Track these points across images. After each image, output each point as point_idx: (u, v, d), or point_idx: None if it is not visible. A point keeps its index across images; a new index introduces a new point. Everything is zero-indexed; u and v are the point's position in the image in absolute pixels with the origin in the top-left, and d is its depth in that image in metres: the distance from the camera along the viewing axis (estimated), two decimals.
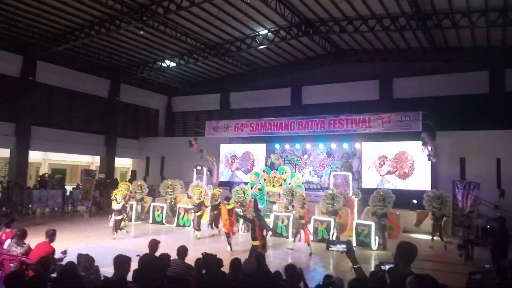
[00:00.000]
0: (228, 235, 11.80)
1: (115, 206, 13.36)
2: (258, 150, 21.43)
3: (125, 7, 16.21)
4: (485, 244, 11.63)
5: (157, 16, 16.63)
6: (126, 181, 20.02)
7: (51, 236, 7.15)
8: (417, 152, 17.32)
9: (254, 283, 5.09)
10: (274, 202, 13.59)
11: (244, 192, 15.95)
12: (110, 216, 13.71)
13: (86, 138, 23.27)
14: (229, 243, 11.68)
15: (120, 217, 13.33)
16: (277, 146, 19.83)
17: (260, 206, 15.68)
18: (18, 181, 18.88)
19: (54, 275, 5.47)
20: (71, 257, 6.29)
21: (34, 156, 22.37)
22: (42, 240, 7.19)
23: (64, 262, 6.16)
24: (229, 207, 12.37)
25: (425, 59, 19.87)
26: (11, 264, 6.88)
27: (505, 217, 10.56)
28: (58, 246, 7.58)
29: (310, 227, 14.19)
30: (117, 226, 13.27)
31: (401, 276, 3.46)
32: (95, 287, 5.22)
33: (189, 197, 16.68)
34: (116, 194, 13.57)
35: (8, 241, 7.49)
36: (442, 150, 17.24)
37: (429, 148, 16.08)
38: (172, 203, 17.24)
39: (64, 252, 6.80)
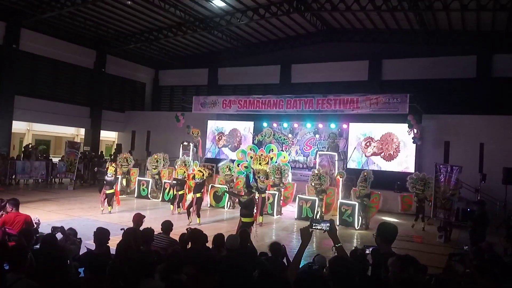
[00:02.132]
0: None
1: (107, 177, 13.21)
2: (245, 128, 21.38)
3: None
4: (464, 227, 11.94)
5: None
6: (111, 159, 19.89)
7: (16, 205, 6.90)
8: (402, 135, 17.50)
9: (237, 258, 5.15)
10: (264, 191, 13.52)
11: (230, 169, 15.97)
12: (102, 189, 13.51)
13: (71, 109, 22.89)
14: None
15: (111, 190, 13.21)
16: (264, 124, 19.79)
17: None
18: (1, 151, 18.56)
19: (37, 246, 5.45)
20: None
21: (18, 126, 21.96)
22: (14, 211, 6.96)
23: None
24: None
25: (415, 41, 19.86)
26: None
27: (485, 201, 10.81)
28: (42, 218, 7.54)
29: (295, 206, 14.38)
30: (109, 200, 13.14)
31: (382, 256, 3.51)
32: (78, 258, 5.23)
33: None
34: (107, 169, 13.43)
35: None
36: (427, 133, 17.44)
37: (415, 130, 16.25)
38: (156, 177, 17.19)
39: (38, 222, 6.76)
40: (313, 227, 3.44)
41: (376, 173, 14.35)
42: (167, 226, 6.69)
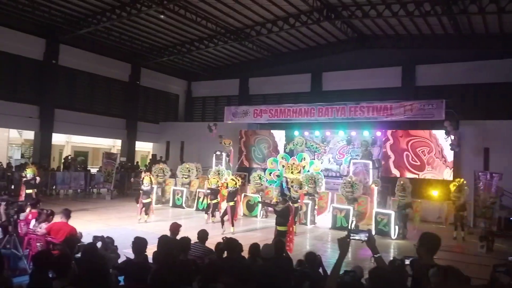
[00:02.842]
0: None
1: (144, 187, 13.48)
2: (276, 137, 21.40)
3: None
4: (507, 236, 11.47)
5: (178, 0, 16.57)
6: (146, 169, 20.33)
7: (67, 215, 7.24)
8: (440, 141, 17.05)
9: (273, 268, 5.14)
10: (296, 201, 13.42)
11: (260, 178, 16.02)
12: (138, 199, 13.80)
13: (107, 121, 23.61)
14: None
15: (148, 200, 13.49)
16: (296, 133, 19.74)
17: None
18: (42, 163, 19.32)
19: (78, 255, 5.62)
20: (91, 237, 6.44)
21: (58, 138, 22.86)
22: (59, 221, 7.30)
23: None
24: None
25: (450, 45, 19.36)
26: (38, 244, 7.09)
27: None
28: (81, 227, 7.79)
29: (329, 215, 14.24)
30: (146, 209, 13.41)
31: (424, 267, 3.43)
32: (118, 267, 5.35)
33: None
34: (143, 179, 13.74)
35: (33, 221, 7.73)
36: (465, 139, 16.89)
37: (452, 137, 15.79)
38: (187, 187, 17.45)
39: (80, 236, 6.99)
40: (351, 237, 3.39)
41: (412, 181, 14.02)
42: (203, 235, 6.77)
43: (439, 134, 17.06)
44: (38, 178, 13.21)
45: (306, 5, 16.91)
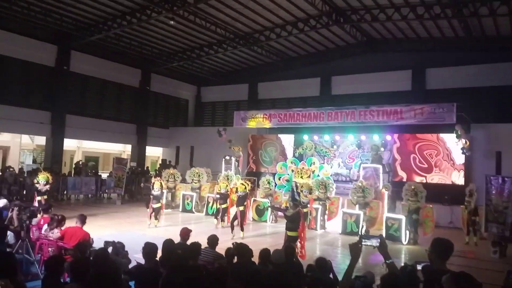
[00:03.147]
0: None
1: (154, 192, 13.52)
2: (286, 141, 21.39)
3: None
4: None
5: (187, 6, 16.72)
6: (156, 174, 20.43)
7: (83, 221, 7.38)
8: (450, 145, 16.91)
9: (283, 273, 5.13)
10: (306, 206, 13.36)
11: (269, 182, 16.01)
12: (149, 204, 13.85)
13: (118, 126, 23.78)
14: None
15: (158, 205, 13.54)
16: (305, 137, 19.70)
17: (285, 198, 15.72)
18: (53, 168, 19.52)
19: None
20: (103, 242, 6.50)
21: (69, 144, 23.06)
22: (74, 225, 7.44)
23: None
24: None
25: (461, 48, 19.22)
26: (50, 249, 7.16)
27: None
28: (92, 232, 7.84)
29: (339, 220, 14.17)
30: (156, 214, 13.46)
31: (436, 273, 3.39)
32: (129, 272, 5.38)
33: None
34: (153, 184, 13.79)
35: (45, 226, 7.81)
36: (477, 143, 16.71)
37: (464, 141, 15.63)
38: (197, 191, 17.49)
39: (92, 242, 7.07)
40: (363, 243, 3.38)
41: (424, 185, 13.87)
42: (213, 240, 6.78)
43: (447, 137, 17.01)
44: (47, 187, 13.15)
45: (315, 10, 16.92)
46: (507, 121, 17.09)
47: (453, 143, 16.65)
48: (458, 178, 16.92)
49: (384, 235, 12.17)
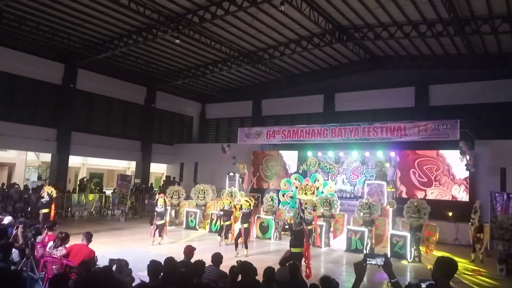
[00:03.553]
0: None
1: (158, 208, 13.52)
2: (287, 157, 21.43)
3: (162, 16, 16.66)
4: None
5: (193, 25, 16.98)
6: (160, 190, 20.45)
7: (88, 238, 7.40)
8: (450, 161, 16.96)
9: None
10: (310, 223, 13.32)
11: (272, 199, 15.99)
12: (152, 221, 13.86)
13: (123, 143, 23.91)
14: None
15: (161, 221, 13.53)
16: (309, 153, 19.73)
17: (291, 215, 15.68)
18: (58, 185, 19.59)
19: None
20: (106, 260, 6.50)
21: (74, 160, 23.17)
22: (79, 243, 7.45)
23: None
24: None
25: (463, 65, 19.32)
26: (54, 266, 7.17)
27: None
28: (95, 249, 7.84)
29: (343, 237, 14.09)
30: (160, 231, 13.45)
31: None
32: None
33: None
34: (157, 200, 13.81)
35: (51, 243, 7.82)
36: (481, 159, 16.69)
37: (467, 157, 15.61)
38: (202, 208, 17.47)
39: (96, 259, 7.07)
40: (367, 262, 3.38)
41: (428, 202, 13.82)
42: (217, 258, 6.76)
43: (447, 153, 17.32)
44: (47, 198, 13.08)
45: (318, 28, 17.14)
46: (511, 138, 17.08)
47: (453, 159, 16.86)
48: (459, 193, 16.99)
49: (389, 253, 12.13)
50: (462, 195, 16.90)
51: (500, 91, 18.44)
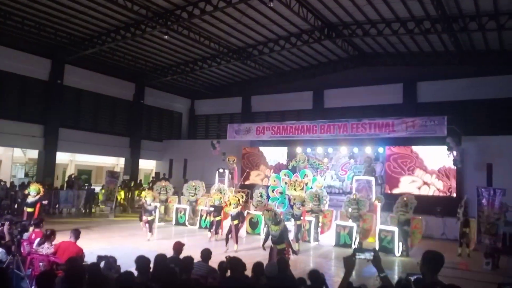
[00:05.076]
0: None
1: (148, 207, 13.44)
2: (279, 154, 21.46)
3: (150, 12, 16.52)
4: None
5: (181, 20, 16.87)
6: (149, 187, 20.34)
7: (76, 236, 7.32)
8: (426, 156, 17.52)
9: (276, 287, 5.13)
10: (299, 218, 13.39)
11: (261, 195, 16.01)
12: (141, 218, 13.75)
13: (111, 140, 23.72)
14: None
15: (151, 217, 13.48)
16: (298, 149, 19.78)
17: (281, 210, 15.74)
18: (45, 181, 19.36)
19: None
20: (95, 257, 6.45)
21: (61, 157, 22.93)
22: (67, 240, 7.38)
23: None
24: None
25: (451, 62, 19.52)
26: (40, 264, 7.09)
27: None
28: (84, 245, 7.78)
29: (331, 232, 14.18)
30: (150, 227, 13.41)
31: (428, 286, 3.43)
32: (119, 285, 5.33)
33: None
34: (145, 197, 13.72)
35: (37, 240, 7.73)
36: (468, 155, 16.91)
37: (455, 153, 15.79)
38: (193, 205, 17.41)
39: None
40: (357, 257, 3.40)
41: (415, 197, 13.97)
42: (207, 254, 6.76)
43: (419, 149, 17.93)
44: (37, 197, 12.84)
45: (307, 24, 17.15)
46: (497, 134, 17.34)
47: (425, 154, 17.65)
48: (431, 179, 17.51)
49: (377, 247, 12.24)
50: (434, 181, 17.40)
51: (487, 88, 18.68)
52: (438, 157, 17.32)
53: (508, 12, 14.53)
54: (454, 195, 16.54)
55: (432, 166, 17.58)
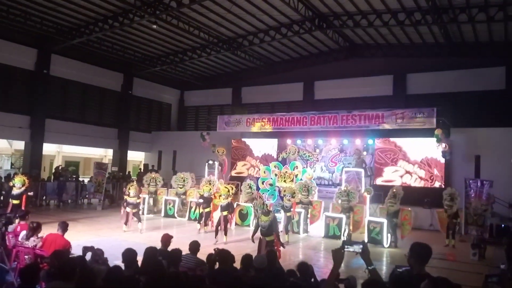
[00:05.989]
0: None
1: (131, 199, 13.27)
2: (267, 145, 21.43)
3: (139, 1, 16.26)
4: (499, 243, 11.50)
5: (170, 10, 16.62)
6: (137, 179, 20.20)
7: (64, 228, 7.22)
8: (409, 149, 17.67)
9: (265, 279, 5.10)
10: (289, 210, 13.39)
11: (250, 187, 15.98)
12: (122, 209, 13.65)
13: (99, 131, 23.44)
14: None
15: (135, 210, 13.32)
16: (288, 141, 19.76)
17: (271, 202, 15.74)
18: (32, 173, 19.10)
19: None
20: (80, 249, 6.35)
21: (48, 148, 22.63)
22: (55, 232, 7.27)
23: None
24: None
25: (440, 54, 19.58)
26: (26, 256, 6.98)
27: None
28: (71, 238, 7.69)
29: (321, 223, 14.22)
30: (137, 217, 13.31)
31: (415, 278, 3.41)
32: (108, 279, 5.26)
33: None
34: (129, 189, 13.57)
35: (23, 233, 7.61)
36: (456, 147, 17.02)
37: (444, 145, 15.89)
38: (182, 197, 17.32)
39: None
40: (345, 249, 3.37)
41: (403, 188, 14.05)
42: (195, 246, 6.71)
43: (402, 142, 18.05)
44: (22, 189, 12.61)
45: (298, 15, 17.03)
46: (486, 126, 17.48)
47: (408, 147, 17.79)
48: (413, 168, 17.71)
49: (366, 239, 12.30)
50: (416, 170, 17.61)
51: (476, 80, 18.78)
52: (421, 148, 17.53)
53: (497, 4, 14.56)
54: (443, 185, 16.63)
55: (415, 157, 17.76)
